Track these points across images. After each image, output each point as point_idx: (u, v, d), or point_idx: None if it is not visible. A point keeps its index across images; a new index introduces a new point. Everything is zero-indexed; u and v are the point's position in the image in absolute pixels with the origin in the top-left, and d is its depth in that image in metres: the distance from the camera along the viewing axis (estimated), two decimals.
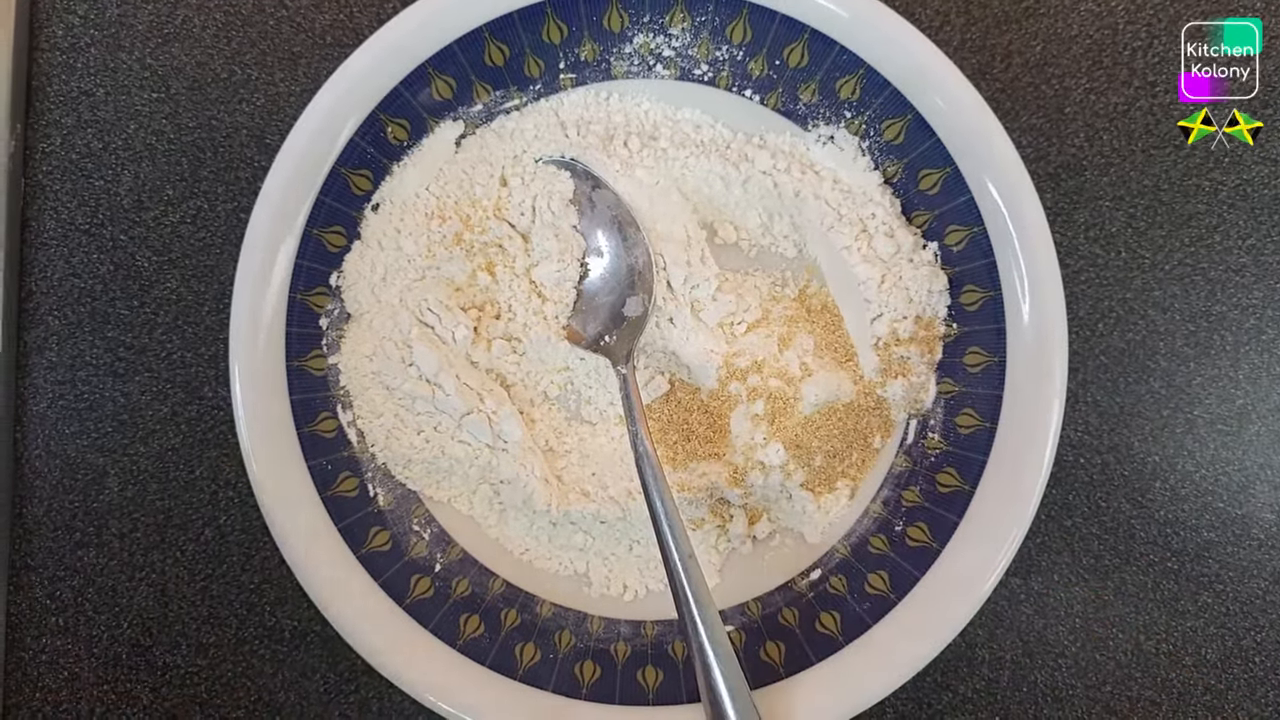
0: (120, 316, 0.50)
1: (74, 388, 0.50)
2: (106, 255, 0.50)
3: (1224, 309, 0.51)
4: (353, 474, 0.46)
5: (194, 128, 0.50)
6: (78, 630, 0.50)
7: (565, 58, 0.47)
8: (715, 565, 0.48)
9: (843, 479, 0.48)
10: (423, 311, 0.46)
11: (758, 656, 0.46)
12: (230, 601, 0.50)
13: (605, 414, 0.49)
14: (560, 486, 0.47)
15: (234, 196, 0.50)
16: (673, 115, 0.49)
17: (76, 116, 0.50)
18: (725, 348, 0.48)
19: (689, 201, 0.48)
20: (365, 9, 0.50)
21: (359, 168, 0.45)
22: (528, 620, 0.47)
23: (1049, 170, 0.51)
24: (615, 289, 0.47)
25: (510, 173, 0.47)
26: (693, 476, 0.47)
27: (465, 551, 0.48)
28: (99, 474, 0.50)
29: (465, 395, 0.45)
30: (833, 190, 0.47)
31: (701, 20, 0.46)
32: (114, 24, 0.50)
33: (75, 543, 0.50)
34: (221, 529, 0.50)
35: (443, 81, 0.45)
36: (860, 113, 0.46)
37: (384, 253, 0.46)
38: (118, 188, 0.50)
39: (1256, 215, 0.51)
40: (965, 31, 0.51)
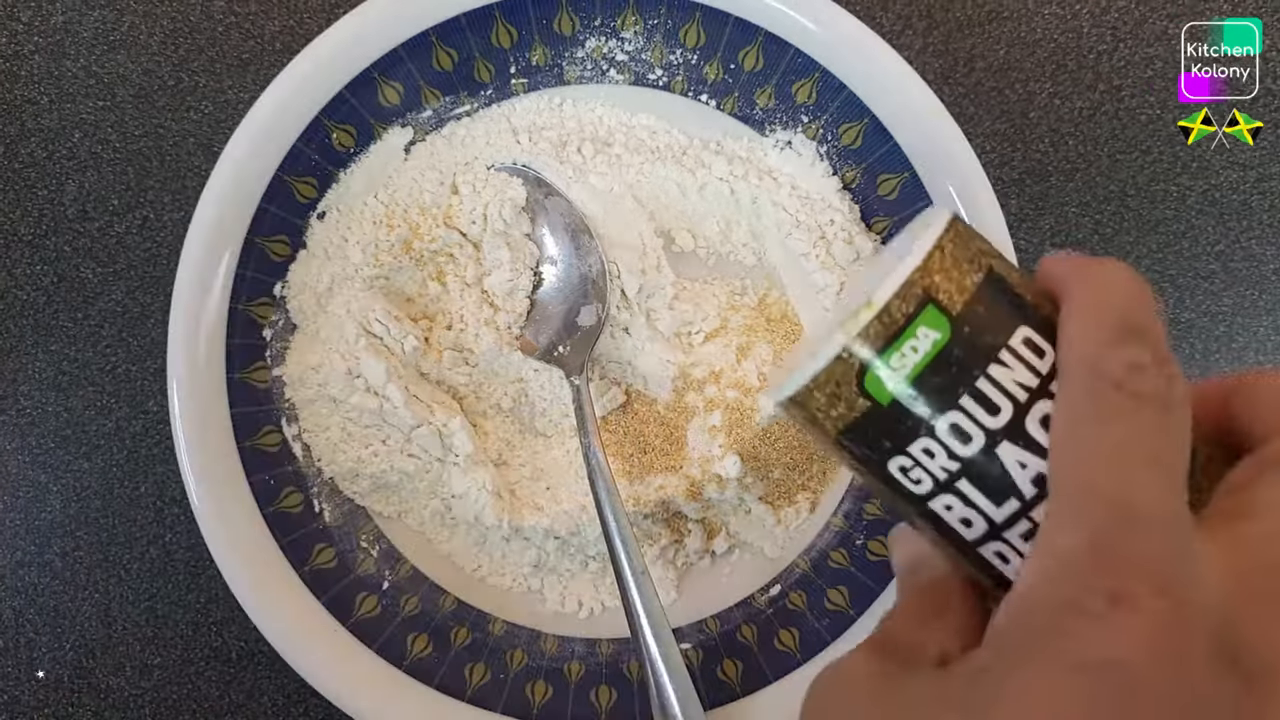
0: (64, 329, 0.49)
1: (15, 402, 0.49)
2: (50, 266, 0.49)
3: (1192, 316, 0.50)
4: (297, 489, 0.44)
5: (140, 136, 0.49)
6: (18, 652, 0.48)
7: (516, 62, 0.46)
8: (672, 581, 0.46)
9: (803, 492, 0.46)
10: (370, 322, 0.44)
11: (715, 675, 0.44)
12: (176, 622, 0.49)
13: (559, 426, 0.47)
14: (513, 500, 0.46)
15: (181, 206, 0.49)
16: (627, 121, 0.48)
17: (20, 125, 0.49)
18: (682, 358, 0.47)
19: (644, 208, 0.47)
20: (315, 14, 0.50)
21: (303, 175, 0.44)
22: (479, 639, 0.45)
23: (1013, 176, 0.50)
24: (569, 298, 0.46)
25: (461, 180, 0.46)
26: (649, 490, 0.46)
27: (415, 568, 0.46)
28: (40, 491, 0.49)
29: (415, 407, 0.44)
30: (790, 196, 0.46)
31: (654, 24, 0.45)
32: (59, 31, 0.49)
33: (16, 562, 0.49)
34: (167, 547, 0.49)
35: (390, 87, 0.44)
36: (817, 117, 0.45)
37: (330, 262, 0.45)
38: (62, 197, 0.49)
39: (1225, 220, 0.50)
40: (927, 36, 0.50)
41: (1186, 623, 0.18)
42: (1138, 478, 0.19)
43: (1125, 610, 0.18)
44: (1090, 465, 0.19)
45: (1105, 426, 0.19)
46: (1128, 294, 0.21)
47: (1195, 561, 0.18)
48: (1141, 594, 0.18)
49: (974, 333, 0.21)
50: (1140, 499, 0.19)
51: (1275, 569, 0.19)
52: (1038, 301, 0.22)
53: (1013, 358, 0.21)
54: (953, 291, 0.21)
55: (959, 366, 0.21)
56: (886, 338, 0.21)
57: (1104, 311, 0.21)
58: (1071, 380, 0.20)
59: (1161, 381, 0.20)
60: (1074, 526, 0.19)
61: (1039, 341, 0.21)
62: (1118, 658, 0.17)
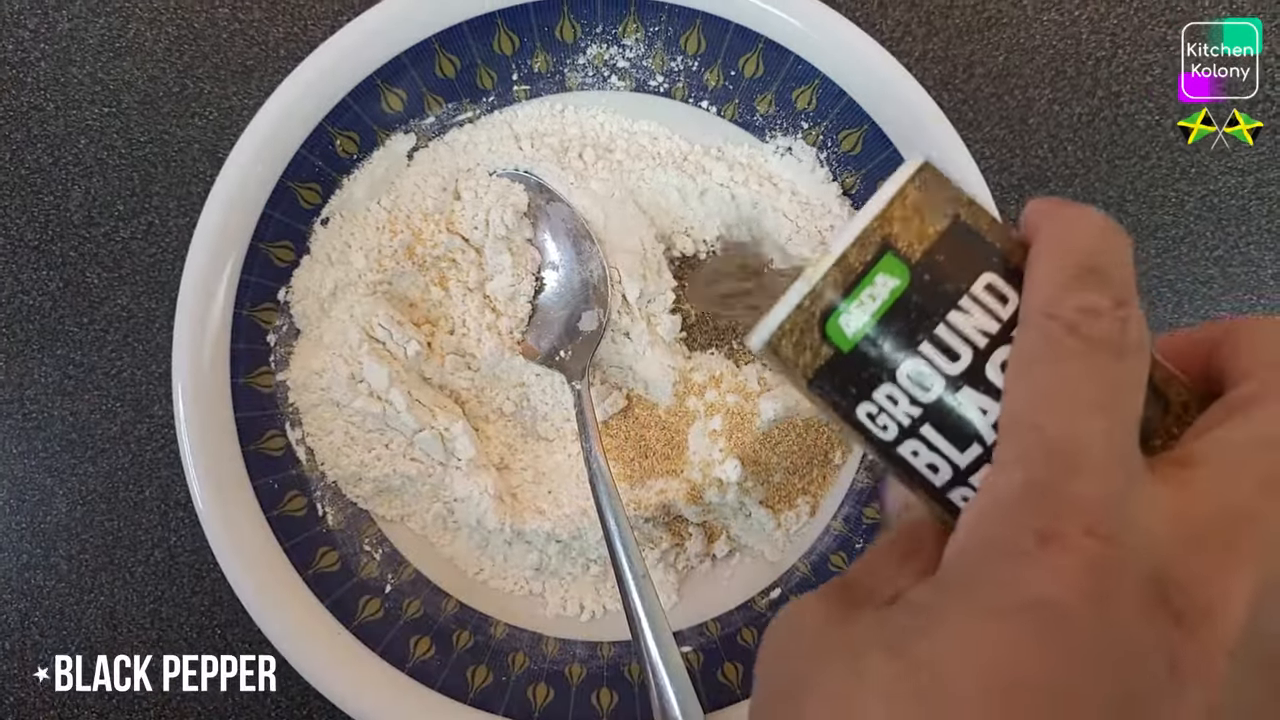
0: (69, 334, 0.49)
1: (22, 406, 0.49)
2: (56, 272, 0.49)
3: (1191, 321, 0.50)
4: (301, 493, 0.45)
5: (145, 142, 0.50)
6: (24, 654, 0.49)
7: (518, 69, 0.46)
8: (673, 584, 0.47)
9: (803, 496, 0.47)
10: (373, 327, 0.45)
11: (716, 678, 0.44)
12: (180, 624, 0.49)
13: (561, 430, 0.48)
14: (515, 504, 0.46)
15: (186, 211, 0.50)
16: (629, 127, 0.48)
17: (26, 131, 0.50)
18: (682, 362, 0.47)
19: (645, 214, 0.48)
20: (319, 22, 0.50)
21: (307, 181, 0.44)
22: (481, 642, 0.45)
23: (1013, 181, 0.51)
24: (570, 303, 0.47)
25: (463, 186, 0.46)
26: (650, 494, 0.46)
27: (418, 572, 0.47)
28: (46, 494, 0.49)
29: (417, 412, 0.45)
30: (791, 202, 0.47)
31: (655, 30, 0.45)
32: (64, 38, 0.50)
33: (22, 564, 0.49)
34: (171, 550, 0.49)
35: (393, 94, 0.45)
36: (817, 123, 0.46)
37: (333, 267, 0.45)
38: (68, 203, 0.50)
39: (1223, 225, 0.50)
40: (927, 42, 0.51)
41: (1117, 562, 0.18)
42: (1081, 421, 0.19)
43: (1054, 550, 0.18)
44: (1035, 407, 0.20)
45: (1054, 368, 0.19)
46: (1092, 237, 0.21)
47: (1135, 504, 0.18)
48: (1071, 534, 0.18)
49: (934, 280, 0.21)
50: (1082, 442, 0.19)
51: (1216, 514, 0.19)
52: (1009, 249, 0.22)
53: (974, 304, 0.21)
54: (912, 239, 0.22)
55: (918, 313, 0.21)
56: (846, 285, 0.21)
57: (1066, 254, 0.21)
58: (1026, 323, 0.20)
59: (1115, 325, 0.20)
60: (1014, 467, 0.19)
61: (1003, 288, 0.21)
62: (1044, 596, 0.17)
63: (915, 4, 0.51)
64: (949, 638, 0.18)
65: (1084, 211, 0.22)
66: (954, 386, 0.21)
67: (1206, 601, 0.18)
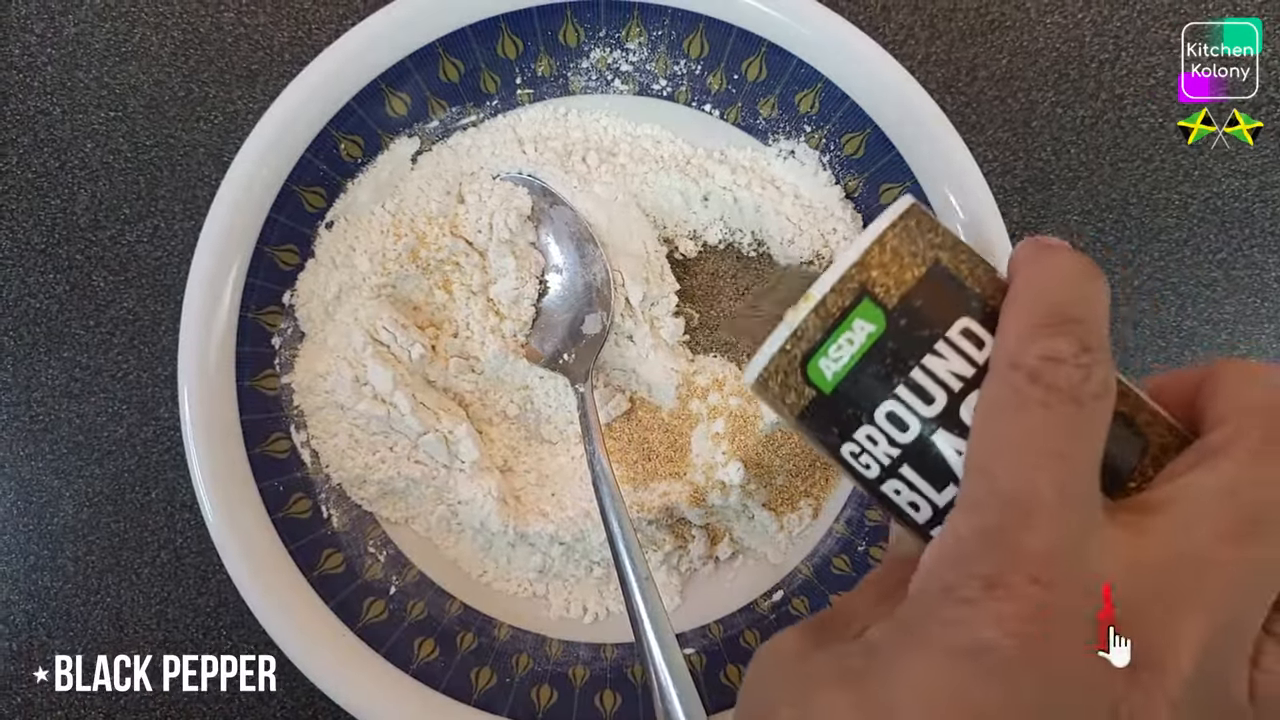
0: (76, 336, 0.50)
1: (29, 409, 0.49)
2: (62, 275, 0.50)
3: (1195, 324, 0.50)
4: (306, 495, 0.45)
5: (151, 146, 0.50)
6: (30, 655, 0.49)
7: (522, 73, 0.47)
8: (676, 586, 0.47)
9: (805, 498, 0.47)
10: (377, 330, 0.45)
11: (718, 680, 0.45)
12: (186, 625, 0.49)
13: (564, 433, 0.48)
14: (518, 506, 0.46)
15: (191, 215, 0.50)
16: (632, 131, 0.48)
17: (33, 136, 0.50)
18: (685, 365, 0.47)
19: (648, 217, 0.48)
20: (323, 26, 0.50)
21: (312, 185, 0.45)
22: (484, 643, 0.46)
23: (1016, 184, 0.51)
24: (573, 306, 0.47)
25: (467, 189, 0.47)
26: (653, 496, 0.46)
27: (422, 574, 0.47)
28: (53, 496, 0.49)
29: (421, 414, 0.45)
30: (794, 205, 0.47)
31: (658, 34, 0.45)
32: (71, 42, 0.50)
33: (29, 566, 0.49)
34: (177, 551, 0.49)
35: (397, 98, 0.45)
36: (820, 126, 0.46)
37: (338, 271, 0.46)
38: (74, 206, 0.50)
39: (1227, 228, 0.50)
40: (930, 45, 0.51)
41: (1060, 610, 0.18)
42: (1036, 470, 0.19)
43: (998, 596, 0.18)
44: (993, 455, 0.20)
45: (1014, 416, 0.20)
46: (1063, 283, 0.21)
47: (1088, 551, 0.19)
48: (1016, 582, 0.18)
49: (910, 325, 0.22)
50: (1035, 490, 0.19)
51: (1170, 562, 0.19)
52: (990, 293, 0.22)
53: (949, 349, 0.22)
54: (890, 285, 0.22)
55: (894, 357, 0.22)
56: (824, 330, 0.22)
57: (1035, 302, 0.21)
58: (992, 370, 0.21)
59: (1078, 373, 0.20)
60: (971, 513, 0.20)
61: (979, 332, 0.22)
62: (985, 641, 0.18)
63: (918, 7, 0.51)
64: (900, 675, 0.19)
65: (1059, 257, 0.22)
66: (930, 429, 0.21)
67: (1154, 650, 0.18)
